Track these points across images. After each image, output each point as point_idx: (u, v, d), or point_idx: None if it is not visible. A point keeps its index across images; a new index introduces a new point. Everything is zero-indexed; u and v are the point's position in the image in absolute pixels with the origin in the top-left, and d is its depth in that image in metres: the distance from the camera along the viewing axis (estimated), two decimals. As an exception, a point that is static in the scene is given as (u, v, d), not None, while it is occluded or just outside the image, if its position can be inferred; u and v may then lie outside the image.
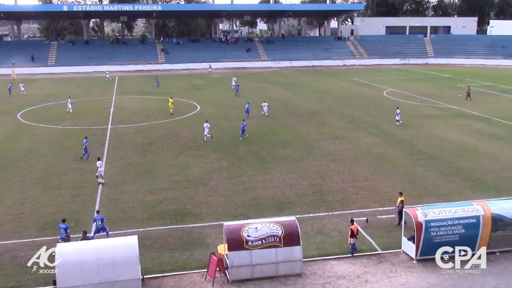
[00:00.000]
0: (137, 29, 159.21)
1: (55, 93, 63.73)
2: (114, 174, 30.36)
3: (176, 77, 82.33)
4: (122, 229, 22.22)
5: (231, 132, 41.02)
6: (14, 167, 31.92)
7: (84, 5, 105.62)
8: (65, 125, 44.31)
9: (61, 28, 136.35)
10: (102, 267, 16.80)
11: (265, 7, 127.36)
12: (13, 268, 19.04)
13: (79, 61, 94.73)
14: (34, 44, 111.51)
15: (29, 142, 38.66)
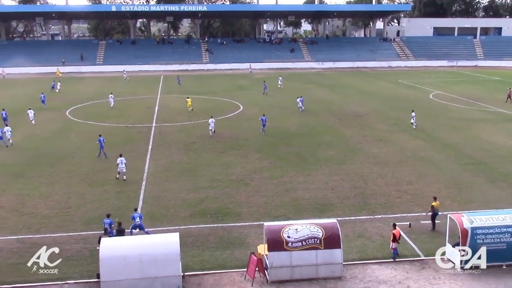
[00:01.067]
0: (182, 29, 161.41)
1: (103, 92, 65.21)
2: (158, 171, 30.87)
3: (219, 77, 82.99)
4: (164, 226, 22.54)
5: (273, 133, 41.02)
6: (62, 163, 32.91)
7: (132, 6, 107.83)
8: (111, 122, 45.37)
9: (109, 28, 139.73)
10: (144, 263, 17.10)
11: (310, 8, 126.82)
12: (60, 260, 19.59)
13: (126, 60, 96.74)
14: (83, 44, 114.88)
15: (76, 138, 39.78)
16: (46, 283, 17.95)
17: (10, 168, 31.76)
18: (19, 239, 21.45)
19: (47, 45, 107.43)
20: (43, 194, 27.02)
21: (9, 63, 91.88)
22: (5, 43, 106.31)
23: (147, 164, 32.28)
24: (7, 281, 18.04)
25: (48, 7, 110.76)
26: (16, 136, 40.31)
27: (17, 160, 33.78)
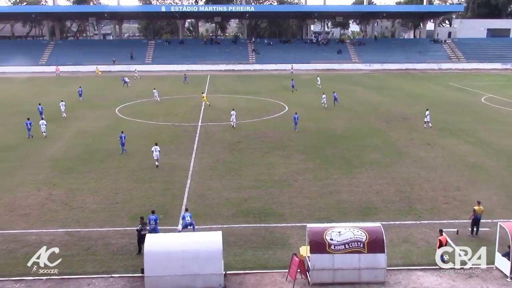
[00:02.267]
0: (229, 29, 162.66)
1: (151, 90, 66.53)
2: (202, 170, 31.21)
3: (265, 78, 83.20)
4: (208, 224, 22.77)
5: (318, 134, 40.79)
6: (110, 159, 33.77)
7: (181, 6, 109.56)
8: (158, 121, 46.22)
9: (159, 28, 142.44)
10: (187, 260, 17.31)
11: (358, 8, 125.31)
12: (106, 254, 20.14)
13: (174, 59, 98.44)
14: (134, 43, 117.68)
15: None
16: (93, 275, 18.44)
17: (62, 163, 32.85)
18: (68, 232, 22.15)
19: (99, 44, 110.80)
20: (91, 189, 27.81)
21: (64, 61, 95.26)
22: (60, 42, 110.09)
23: (192, 163, 32.70)
24: (55, 273, 18.63)
25: (100, 7, 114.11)
26: (68, 132, 41.78)
27: (68, 155, 34.91)
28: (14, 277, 18.32)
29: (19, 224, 23.06)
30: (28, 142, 38.43)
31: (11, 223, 23.17)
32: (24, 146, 37.18)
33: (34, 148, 36.71)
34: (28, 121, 40.30)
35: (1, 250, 20.52)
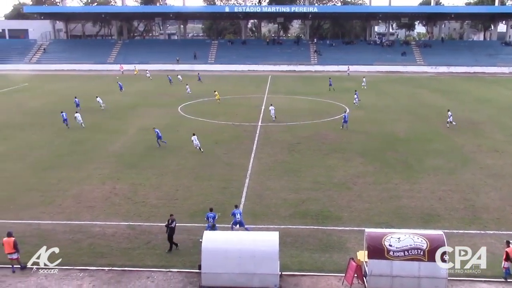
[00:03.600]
0: (292, 30, 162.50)
1: (212, 90, 67.56)
2: (261, 170, 31.34)
3: (327, 79, 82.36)
4: (265, 224, 22.83)
5: (379, 137, 40.01)
6: (172, 156, 34.55)
7: (244, 7, 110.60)
8: (219, 120, 46.83)
9: (222, 28, 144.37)
10: (244, 258, 17.42)
11: (425, 9, 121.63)
12: (165, 249, 20.59)
13: (236, 60, 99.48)
14: (197, 43, 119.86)
15: (186, 134, 41.46)
16: (152, 269, 18.93)
17: (126, 159, 33.94)
18: (130, 226, 22.85)
19: (164, 44, 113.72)
20: (153, 184, 28.56)
21: (130, 60, 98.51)
22: (127, 41, 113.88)
23: (251, 162, 32.90)
24: (117, 264, 19.30)
25: (166, 7, 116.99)
26: (132, 128, 43.15)
27: (132, 151, 36.02)
28: (79, 266, 19.10)
29: (84, 216, 24.03)
30: (95, 137, 39.93)
31: (78, 215, 24.18)
32: (90, 141, 38.69)
33: (100, 143, 38.13)
34: (62, 113, 44.40)
35: (67, 239, 21.47)
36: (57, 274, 18.57)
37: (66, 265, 19.14)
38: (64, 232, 22.24)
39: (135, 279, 18.34)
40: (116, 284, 17.98)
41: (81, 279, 18.27)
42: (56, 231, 22.37)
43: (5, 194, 26.93)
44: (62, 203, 25.66)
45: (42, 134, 41.42)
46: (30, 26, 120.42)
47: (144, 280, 18.25)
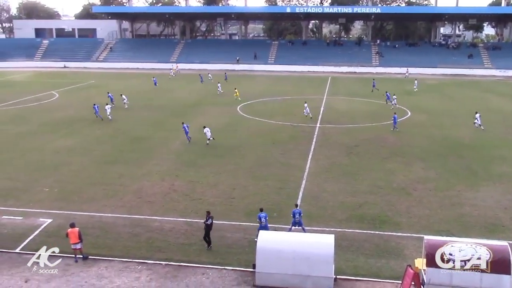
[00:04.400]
0: (353, 31, 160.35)
1: (271, 90, 67.87)
2: (318, 171, 31.11)
3: (388, 81, 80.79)
4: (320, 226, 22.63)
5: (442, 142, 38.77)
6: (230, 155, 34.91)
7: (306, 7, 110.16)
8: (277, 120, 46.88)
9: (283, 29, 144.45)
10: (298, 260, 17.37)
11: (495, 10, 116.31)
12: (220, 246, 20.85)
13: (296, 60, 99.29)
14: (258, 43, 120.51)
15: (244, 133, 41.89)
16: (207, 266, 19.20)
17: (185, 156, 34.62)
18: (187, 222, 23.28)
19: (225, 44, 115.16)
20: (211, 182, 28.96)
21: (192, 59, 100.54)
22: (189, 41, 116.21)
23: (308, 164, 32.72)
24: (174, 259, 19.71)
25: (228, 8, 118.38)
26: (191, 127, 43.82)
27: (191, 149, 36.69)
28: (137, 259, 19.65)
29: (144, 211, 24.70)
30: (156, 134, 40.97)
31: (138, 209, 24.88)
32: (151, 138, 39.72)
33: (160, 140, 39.07)
34: (95, 106, 47.86)
35: (127, 233, 22.15)
36: (116, 265, 19.21)
37: (125, 257, 19.79)
38: (124, 225, 22.97)
39: (190, 274, 18.66)
40: (172, 278, 18.36)
41: (139, 272, 18.79)
42: (117, 224, 23.13)
43: (71, 187, 28.13)
44: (123, 197, 26.50)
45: (106, 130, 42.95)
46: (98, 25, 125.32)
47: (200, 276, 18.54)
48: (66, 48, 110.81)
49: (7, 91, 66.57)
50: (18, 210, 24.49)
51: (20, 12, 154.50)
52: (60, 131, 42.43)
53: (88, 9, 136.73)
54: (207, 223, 20.70)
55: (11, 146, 37.22)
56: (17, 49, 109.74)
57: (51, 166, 32.09)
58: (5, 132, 41.96)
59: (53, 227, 22.68)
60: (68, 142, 38.63)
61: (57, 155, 34.83)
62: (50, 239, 21.37)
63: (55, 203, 25.64)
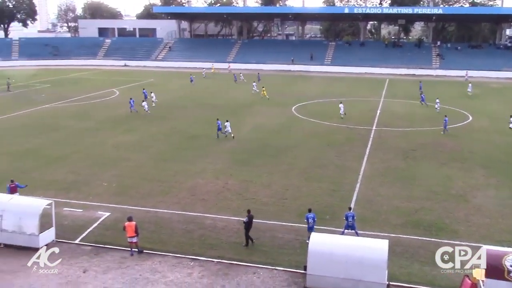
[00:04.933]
0: (413, 32, 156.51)
1: (327, 91, 67.32)
2: (373, 175, 30.58)
3: (448, 84, 78.47)
4: (374, 231, 22.23)
5: (505, 148, 37.23)
6: (283, 156, 34.89)
7: (364, 8, 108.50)
8: (332, 122, 46.44)
9: (340, 30, 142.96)
10: (350, 264, 17.15)
11: None
12: (272, 246, 20.89)
13: (353, 61, 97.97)
14: (314, 44, 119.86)
15: (299, 134, 41.75)
16: (258, 265, 19.27)
17: (239, 155, 34.89)
18: (240, 221, 23.34)
19: (282, 44, 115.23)
20: (264, 182, 29.04)
21: (248, 59, 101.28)
22: (246, 41, 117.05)
23: (363, 167, 32.22)
24: (226, 257, 19.91)
25: (286, 8, 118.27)
26: (246, 126, 44.26)
27: (245, 148, 36.93)
28: (190, 256, 19.99)
29: (197, 208, 25.08)
30: (211, 132, 41.45)
31: (192, 206, 25.30)
32: (206, 137, 40.26)
33: (215, 139, 39.53)
34: (131, 100, 51.10)
35: (181, 229, 22.57)
36: (170, 260, 19.61)
37: (178, 253, 20.19)
38: (178, 221, 23.42)
39: (242, 273, 18.79)
40: (224, 276, 18.55)
41: (191, 268, 19.10)
42: (171, 220, 23.62)
43: (129, 182, 28.96)
44: (178, 194, 27.02)
45: (162, 127, 43.91)
46: (158, 25, 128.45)
47: (251, 276, 18.63)
48: (127, 47, 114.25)
49: (72, 88, 69.37)
50: (78, 203, 25.47)
51: (85, 12, 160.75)
52: (119, 127, 43.78)
53: (149, 9, 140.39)
54: (244, 221, 21.01)
55: (74, 141, 38.74)
56: (81, 47, 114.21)
57: (110, 161, 33.17)
58: (69, 127, 43.74)
59: (110, 220, 23.44)
60: (127, 138, 39.80)
61: (116, 151, 35.97)
62: (107, 232, 22.15)
63: (113, 197, 26.48)
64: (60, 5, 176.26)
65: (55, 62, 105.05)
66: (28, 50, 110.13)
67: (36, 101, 56.69)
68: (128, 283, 18.04)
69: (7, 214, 20.61)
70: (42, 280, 18.11)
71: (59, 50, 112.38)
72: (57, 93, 63.99)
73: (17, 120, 47.00)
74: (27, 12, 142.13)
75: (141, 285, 17.89)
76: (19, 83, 73.21)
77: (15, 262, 19.37)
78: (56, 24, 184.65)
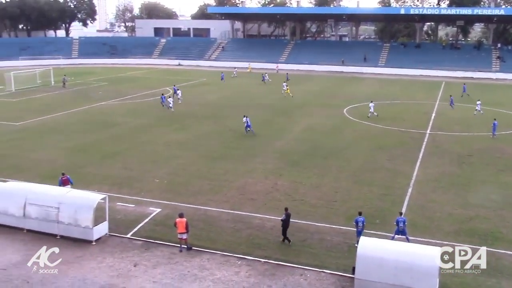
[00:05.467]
0: (473, 34, 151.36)
1: (380, 93, 66.11)
2: (426, 180, 29.81)
3: (509, 88, 75.46)
4: (425, 237, 21.66)
5: None
6: (333, 158, 34.56)
7: (421, 8, 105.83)
8: (384, 124, 45.57)
9: (395, 31, 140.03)
10: (400, 270, 16.79)
11: None
12: (320, 249, 20.72)
13: (408, 63, 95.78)
14: (368, 45, 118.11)
15: (350, 136, 41.22)
16: (305, 267, 19.15)
17: (289, 156, 34.81)
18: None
19: (334, 45, 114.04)
20: (313, 184, 28.86)
21: (300, 60, 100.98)
22: (299, 42, 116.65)
23: (416, 171, 31.45)
24: (273, 257, 19.91)
25: (340, 9, 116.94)
26: (297, 127, 44.14)
27: (295, 149, 36.82)
28: (238, 254, 20.11)
29: (246, 207, 25.21)
30: (262, 132, 41.59)
31: (240, 205, 25.46)
32: (257, 136, 40.40)
33: (266, 139, 39.63)
34: (163, 96, 54.30)
35: (229, 228, 22.75)
36: (218, 258, 19.80)
37: (226, 251, 20.36)
38: (227, 220, 23.61)
39: (288, 274, 18.73)
40: (271, 276, 18.55)
41: (239, 267, 19.22)
42: (220, 218, 23.85)
43: (180, 180, 29.47)
44: (227, 193, 27.25)
45: (215, 126, 44.42)
46: (212, 25, 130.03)
47: (298, 277, 18.55)
48: (181, 47, 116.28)
49: (128, 86, 71.27)
50: (131, 198, 26.14)
51: (141, 12, 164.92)
52: (172, 125, 44.61)
53: (204, 9, 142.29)
54: (282, 219, 21.12)
55: (128, 138, 39.79)
56: (138, 47, 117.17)
57: (162, 158, 33.85)
58: (124, 124, 44.97)
59: (161, 216, 23.92)
60: (179, 136, 40.49)
61: (168, 148, 36.67)
62: (158, 228, 22.62)
63: (163, 193, 27.02)
64: (118, 5, 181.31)
65: (112, 61, 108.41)
66: (87, 49, 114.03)
67: (93, 98, 58.58)
68: (176, 278, 18.35)
69: (64, 206, 21.40)
70: (95, 272, 18.70)
71: (117, 49, 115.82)
72: (114, 90, 65.93)
73: (75, 116, 48.77)
74: (87, 12, 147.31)
75: (189, 282, 18.15)
76: (77, 80, 75.96)
77: (70, 253, 20.10)
78: (114, 24, 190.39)
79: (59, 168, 29.46)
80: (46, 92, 65.25)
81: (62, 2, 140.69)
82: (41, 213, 21.66)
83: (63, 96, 61.89)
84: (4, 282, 17.92)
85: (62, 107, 52.99)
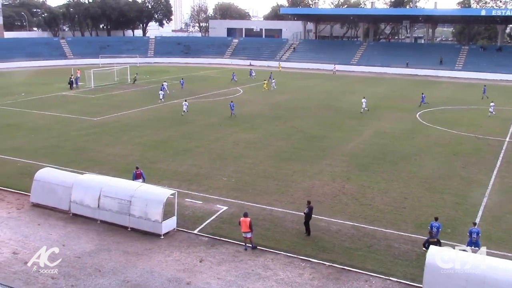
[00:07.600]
0: None
1: (456, 98, 63.71)
2: (503, 190, 28.35)
3: None
4: (500, 250, 20.60)
5: None
6: (404, 163, 33.60)
7: (504, 10, 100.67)
8: (459, 130, 43.77)
9: (475, 33, 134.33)
10: (471, 282, 16.10)
11: None
12: (386, 256, 20.21)
13: (487, 67, 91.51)
14: (444, 48, 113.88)
15: (422, 141, 39.92)
16: (371, 273, 18.75)
17: (358, 159, 34.24)
18: (354, 226, 23.02)
19: (409, 47, 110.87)
20: (382, 189, 28.22)
21: (372, 62, 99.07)
22: (372, 43, 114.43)
23: (492, 180, 29.98)
24: (337, 261, 19.65)
25: (416, 10, 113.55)
26: (368, 130, 43.35)
27: (365, 153, 36.15)
28: (302, 256, 20.01)
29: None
30: (332, 135, 41.18)
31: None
32: (327, 138, 40.05)
33: (336, 141, 39.21)
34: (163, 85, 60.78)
35: (294, 229, 22.69)
36: (282, 259, 19.80)
37: (290, 252, 20.32)
38: (292, 221, 23.56)
39: (353, 279, 18.42)
40: (335, 280, 18.31)
41: (303, 269, 19.12)
42: (286, 219, 23.83)
43: (247, 179, 29.74)
44: (293, 194, 27.19)
45: (283, 126, 44.45)
46: (284, 26, 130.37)
47: (362, 283, 18.20)
48: (253, 47, 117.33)
49: (200, 85, 72.85)
50: (199, 195, 26.68)
51: (215, 13, 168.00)
52: (241, 124, 45.10)
53: (276, 10, 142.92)
54: (305, 212, 21.83)
55: (198, 135, 40.65)
56: (211, 46, 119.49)
57: (231, 157, 34.30)
58: (195, 122, 45.99)
59: (227, 214, 24.24)
60: (248, 135, 40.86)
61: (237, 147, 37.10)
62: (223, 225, 22.94)
63: (231, 192, 27.36)
64: (193, 6, 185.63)
65: (185, 60, 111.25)
66: (163, 48, 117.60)
67: (166, 96, 60.25)
68: (240, 276, 18.52)
69: (135, 200, 22.19)
70: (162, 265, 19.24)
71: (190, 48, 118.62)
72: (187, 89, 67.55)
73: (148, 113, 50.44)
74: (164, 13, 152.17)
75: (252, 280, 18.27)
76: (152, 79, 78.55)
77: (140, 245, 20.81)
78: (189, 24, 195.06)
79: (132, 163, 30.62)
80: (123, 89, 68.06)
81: (140, 2, 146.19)
82: (114, 205, 22.58)
83: (137, 95, 64.15)
84: (78, 270, 18.83)
85: (136, 104, 54.96)
